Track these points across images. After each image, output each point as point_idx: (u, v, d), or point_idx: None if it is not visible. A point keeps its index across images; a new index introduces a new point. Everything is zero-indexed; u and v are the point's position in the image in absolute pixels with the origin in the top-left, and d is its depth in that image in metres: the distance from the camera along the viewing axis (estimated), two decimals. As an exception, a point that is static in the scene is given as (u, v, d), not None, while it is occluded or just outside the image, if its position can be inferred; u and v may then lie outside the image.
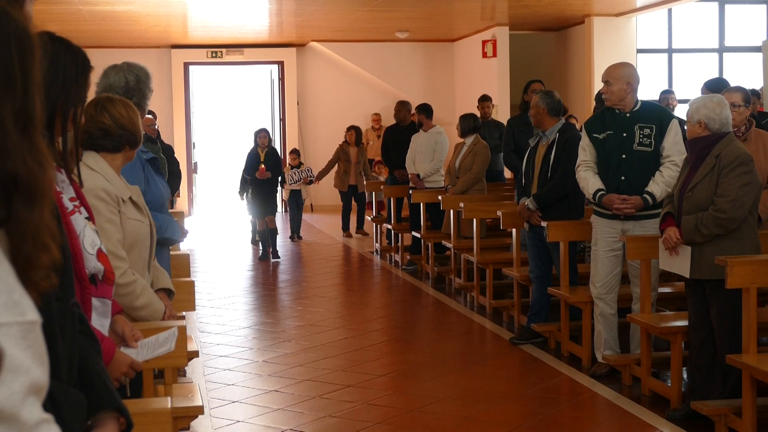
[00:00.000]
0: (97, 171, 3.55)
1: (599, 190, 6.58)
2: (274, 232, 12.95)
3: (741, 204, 5.43)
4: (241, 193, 13.48)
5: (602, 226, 6.68)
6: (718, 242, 5.49)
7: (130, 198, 3.66)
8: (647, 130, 6.52)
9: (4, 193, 1.26)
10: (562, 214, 7.48)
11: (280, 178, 13.34)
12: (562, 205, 7.54)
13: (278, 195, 13.63)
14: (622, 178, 6.54)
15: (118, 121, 3.62)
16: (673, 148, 6.48)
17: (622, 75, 6.58)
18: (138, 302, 3.54)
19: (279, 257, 12.83)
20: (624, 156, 6.55)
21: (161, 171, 4.71)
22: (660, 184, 6.42)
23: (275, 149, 13.34)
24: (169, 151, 10.87)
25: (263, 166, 12.74)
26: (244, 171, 13.05)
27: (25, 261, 1.29)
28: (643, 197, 6.46)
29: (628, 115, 6.59)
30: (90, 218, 2.90)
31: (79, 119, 2.43)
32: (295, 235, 14.79)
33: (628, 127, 6.56)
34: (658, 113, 6.65)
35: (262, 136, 13.01)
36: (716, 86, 7.47)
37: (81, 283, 2.59)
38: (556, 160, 7.41)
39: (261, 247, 12.97)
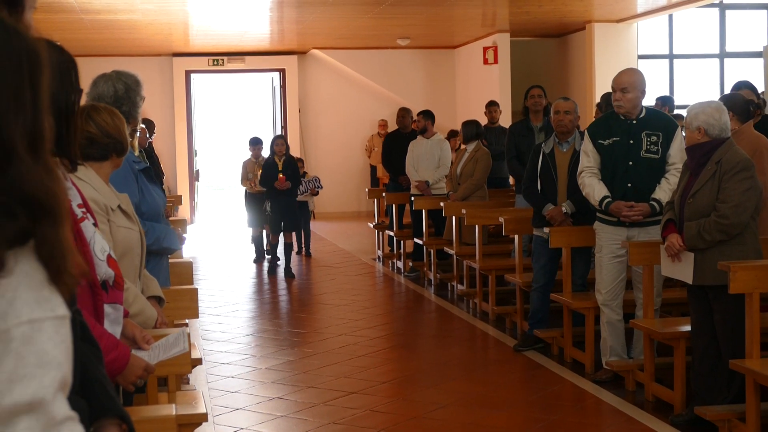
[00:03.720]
0: (85, 180, 3.53)
1: (606, 197, 6.57)
2: (289, 246, 11.99)
3: (743, 209, 5.43)
4: (248, 206, 12.95)
5: (607, 233, 6.67)
6: (720, 248, 5.49)
7: (119, 206, 3.65)
8: (654, 138, 6.51)
9: (28, 216, 1.27)
10: (591, 220, 7.52)
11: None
12: (590, 211, 7.57)
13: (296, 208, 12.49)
14: (629, 185, 6.53)
15: (104, 129, 3.62)
16: (678, 156, 6.49)
17: (638, 83, 6.56)
18: (131, 310, 3.55)
19: (294, 275, 11.96)
20: (631, 163, 6.54)
21: (155, 180, 4.70)
22: (666, 191, 6.43)
23: (293, 157, 12.38)
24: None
25: (282, 175, 11.80)
26: (260, 182, 12.12)
27: (55, 273, 1.30)
28: (650, 204, 6.46)
29: (634, 122, 6.58)
30: (97, 224, 2.91)
31: (79, 121, 2.44)
32: (303, 251, 13.88)
33: (635, 134, 6.55)
34: (664, 121, 6.69)
35: (279, 143, 12.00)
36: (742, 88, 7.53)
37: (93, 289, 2.59)
38: None
39: (270, 261, 12.36)
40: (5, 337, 1.24)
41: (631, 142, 6.54)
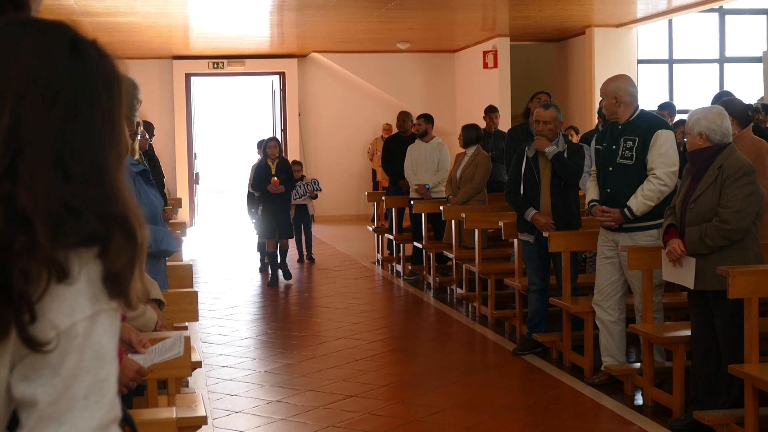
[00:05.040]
0: None
1: (592, 200, 6.71)
2: (284, 252, 11.84)
3: (745, 214, 5.44)
4: (250, 211, 12.55)
5: (601, 234, 6.81)
6: (722, 253, 5.49)
7: None
8: (630, 143, 6.51)
9: (106, 232, 1.31)
10: (575, 223, 7.55)
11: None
12: (574, 214, 7.60)
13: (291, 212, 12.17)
14: (608, 190, 6.59)
15: None
16: (657, 161, 6.42)
17: (609, 90, 6.63)
18: (130, 312, 3.54)
19: (290, 277, 11.86)
20: (610, 169, 6.59)
21: (152, 183, 4.71)
22: (639, 198, 6.42)
23: (287, 160, 11.99)
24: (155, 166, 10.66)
25: (276, 178, 11.38)
26: (253, 185, 11.81)
27: (116, 293, 1.33)
28: (622, 211, 6.47)
29: (620, 127, 6.62)
30: None
31: None
32: (305, 255, 13.57)
33: (616, 139, 6.60)
34: (646, 125, 6.55)
35: (272, 145, 11.60)
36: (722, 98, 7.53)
37: None
38: None
39: (270, 272, 11.84)
40: (71, 333, 1.28)
41: (614, 147, 6.59)
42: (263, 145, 11.88)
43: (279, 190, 11.40)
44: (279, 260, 11.79)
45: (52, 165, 1.29)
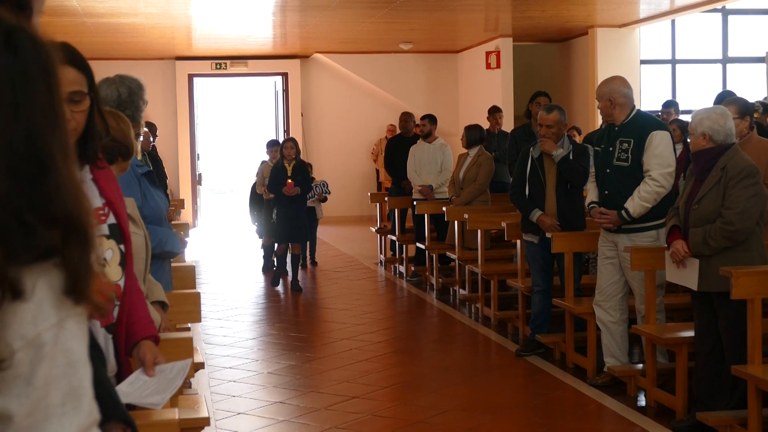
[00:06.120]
0: None
1: (592, 202, 6.75)
2: (296, 258, 11.46)
3: (749, 216, 5.43)
4: (252, 212, 12.47)
5: (601, 235, 6.83)
6: (725, 254, 5.49)
7: None
8: (625, 145, 6.52)
9: (57, 234, 1.26)
10: (580, 224, 7.55)
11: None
12: (580, 216, 7.60)
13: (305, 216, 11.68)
14: (606, 192, 6.60)
15: (109, 133, 3.62)
16: (652, 162, 6.43)
17: (604, 92, 6.65)
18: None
19: (301, 289, 11.30)
20: (608, 170, 6.60)
21: (157, 184, 4.71)
22: (635, 200, 6.43)
23: (304, 162, 11.57)
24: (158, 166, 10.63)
25: (291, 180, 11.00)
26: (268, 187, 11.41)
27: (75, 297, 1.30)
28: (619, 213, 6.48)
29: (616, 128, 6.63)
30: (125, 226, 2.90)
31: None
32: (309, 260, 13.30)
33: (613, 141, 6.61)
34: (641, 126, 6.55)
35: (288, 146, 11.16)
36: (725, 98, 7.52)
37: None
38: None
39: (274, 273, 11.72)
40: (37, 342, 1.24)
41: (610, 149, 6.61)
42: (280, 146, 11.57)
43: (294, 193, 11.01)
44: (291, 271, 11.46)
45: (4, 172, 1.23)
